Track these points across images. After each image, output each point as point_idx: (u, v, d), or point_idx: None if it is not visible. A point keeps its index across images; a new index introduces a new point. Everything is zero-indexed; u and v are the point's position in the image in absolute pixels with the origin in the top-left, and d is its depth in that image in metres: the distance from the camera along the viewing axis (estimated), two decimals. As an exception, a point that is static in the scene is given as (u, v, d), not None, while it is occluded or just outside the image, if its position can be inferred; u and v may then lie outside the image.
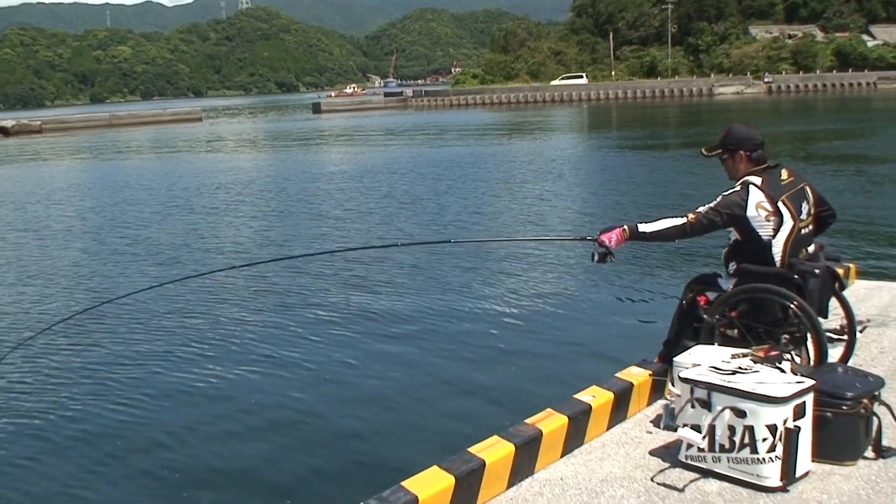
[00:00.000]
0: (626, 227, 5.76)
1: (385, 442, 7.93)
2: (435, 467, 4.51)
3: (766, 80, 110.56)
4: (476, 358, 10.25)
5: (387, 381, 9.62)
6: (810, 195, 5.72)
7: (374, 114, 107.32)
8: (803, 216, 5.59)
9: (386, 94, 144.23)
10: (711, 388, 4.67)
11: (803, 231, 5.60)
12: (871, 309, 7.86)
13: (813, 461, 4.73)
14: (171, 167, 43.00)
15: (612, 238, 5.70)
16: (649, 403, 5.92)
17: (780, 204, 5.48)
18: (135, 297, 12.76)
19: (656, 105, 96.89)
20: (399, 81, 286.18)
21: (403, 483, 4.35)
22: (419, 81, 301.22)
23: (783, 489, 4.54)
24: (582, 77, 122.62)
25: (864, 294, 8.36)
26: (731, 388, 4.60)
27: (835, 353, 5.79)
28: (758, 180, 5.57)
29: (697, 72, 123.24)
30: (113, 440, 8.39)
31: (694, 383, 4.75)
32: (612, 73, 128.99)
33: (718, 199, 5.63)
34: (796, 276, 5.50)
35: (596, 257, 5.77)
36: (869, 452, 4.92)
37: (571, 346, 10.64)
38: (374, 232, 19.96)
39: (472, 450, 4.72)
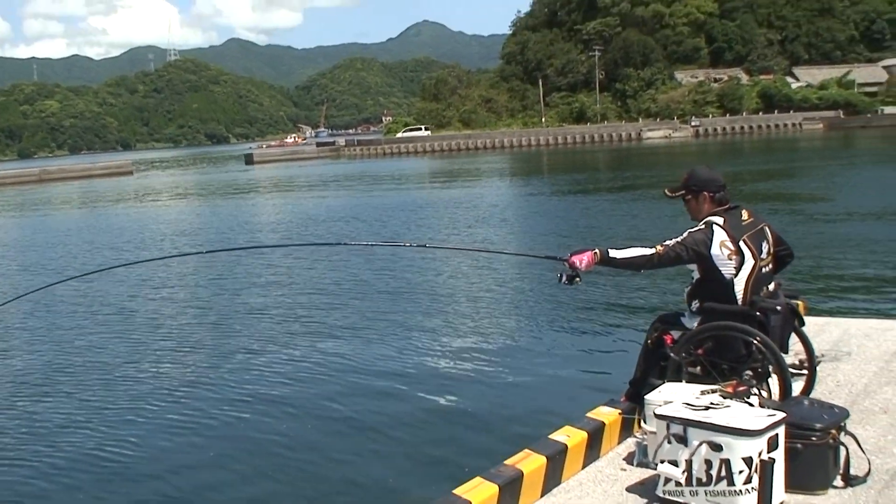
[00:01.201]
0: (597, 250, 5.84)
1: (364, 487, 7.94)
2: (423, 510, 4.57)
3: (693, 123, 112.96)
4: (442, 401, 10.35)
5: (360, 425, 9.70)
6: (769, 235, 5.89)
7: (308, 163, 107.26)
8: (763, 255, 5.76)
9: (318, 144, 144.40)
10: (687, 423, 4.78)
11: (764, 269, 5.76)
12: (822, 344, 8.06)
13: (785, 492, 4.86)
14: (107, 220, 42.46)
15: (582, 260, 5.78)
16: (620, 441, 6.02)
17: (741, 243, 5.64)
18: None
19: (587, 150, 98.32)
20: (330, 131, 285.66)
21: (393, 527, 4.40)
22: (350, 131, 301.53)
23: (760, 520, 4.65)
24: (420, 129, 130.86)
25: (814, 330, 8.55)
26: (707, 422, 4.72)
27: (795, 388, 5.94)
28: (720, 220, 5.73)
29: (626, 116, 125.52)
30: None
31: (670, 419, 4.86)
32: (543, 119, 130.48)
33: (685, 234, 5.76)
34: (759, 314, 5.66)
35: (563, 278, 5.84)
36: (838, 481, 5.06)
37: (537, 386, 10.82)
38: (327, 277, 20.03)
39: (457, 492, 4.77)
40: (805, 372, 6.21)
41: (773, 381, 5.83)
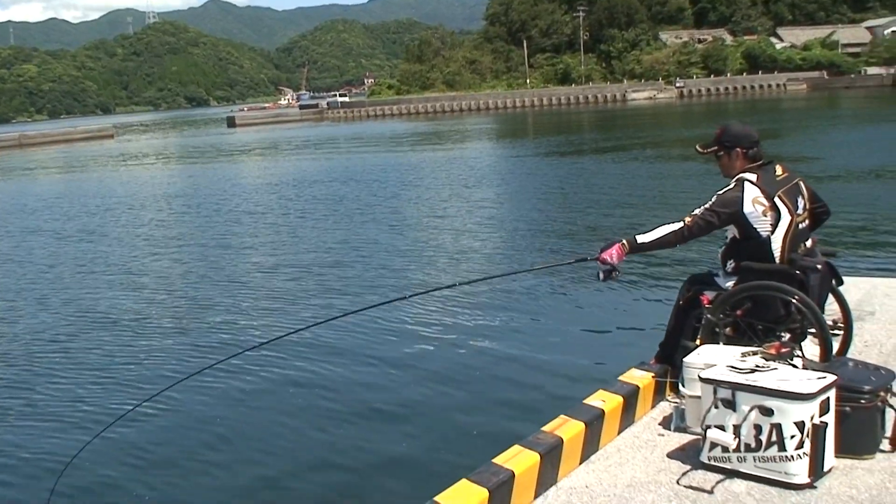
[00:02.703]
0: (624, 241, 5.71)
1: (402, 459, 7.79)
2: (464, 480, 4.37)
3: (677, 84, 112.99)
4: (467, 368, 10.21)
5: (388, 398, 9.48)
6: (804, 190, 5.70)
7: (292, 126, 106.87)
8: (800, 211, 5.57)
9: (301, 107, 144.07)
10: (736, 387, 4.60)
11: (800, 226, 5.58)
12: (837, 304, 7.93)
13: (834, 456, 4.71)
14: (95, 184, 42.04)
15: (612, 254, 5.64)
16: (653, 406, 5.86)
17: (776, 199, 5.44)
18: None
19: (572, 111, 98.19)
20: (312, 93, 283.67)
21: (437, 498, 4.20)
22: (333, 93, 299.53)
23: (811, 486, 4.50)
24: (335, 95, 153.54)
25: (834, 290, 8.45)
26: (757, 386, 4.54)
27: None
28: (753, 177, 5.54)
29: (610, 78, 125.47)
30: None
31: (717, 383, 4.68)
32: (527, 80, 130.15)
33: (713, 198, 5.58)
34: (798, 272, 5.49)
35: (601, 276, 5.75)
36: (885, 445, 4.92)
37: (564, 350, 10.68)
38: (344, 243, 19.92)
39: (496, 461, 4.58)
40: (839, 333, 6.05)
41: (807, 343, 5.69)
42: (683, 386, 5.37)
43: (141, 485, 7.72)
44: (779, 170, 5.67)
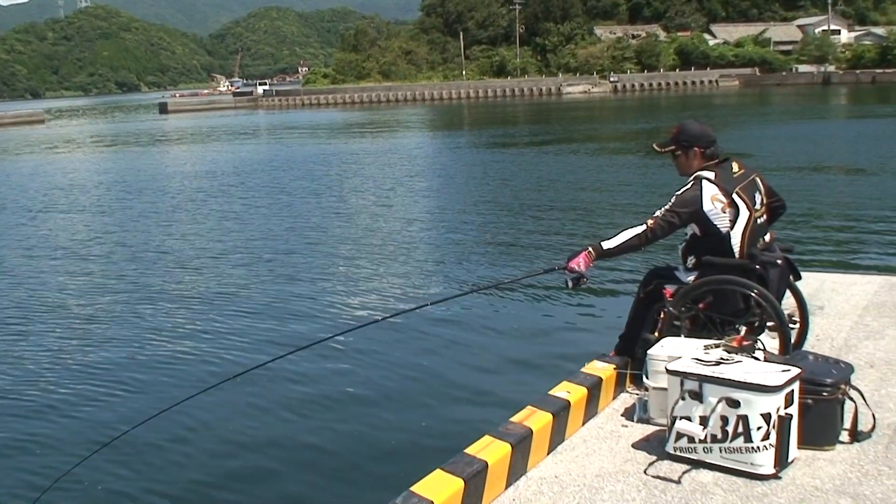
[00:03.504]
0: (590, 248, 5.74)
1: (373, 451, 7.74)
2: (439, 471, 4.40)
3: (611, 79, 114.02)
4: (432, 368, 10.11)
5: (364, 389, 9.43)
6: (761, 185, 5.80)
7: (227, 113, 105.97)
8: (757, 206, 5.67)
9: (235, 94, 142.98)
10: (703, 379, 4.67)
11: (759, 221, 5.68)
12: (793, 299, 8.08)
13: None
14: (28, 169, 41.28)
15: (579, 263, 5.67)
16: (615, 397, 5.94)
17: (734, 196, 5.53)
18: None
19: (507, 104, 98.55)
20: (245, 81, 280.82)
21: (413, 488, 4.21)
22: (266, 81, 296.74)
23: (776, 476, 4.59)
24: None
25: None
26: (724, 378, 4.61)
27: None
28: (711, 175, 5.63)
29: (545, 71, 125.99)
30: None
31: (684, 375, 4.75)
32: (463, 72, 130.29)
33: (673, 199, 5.65)
34: (758, 267, 5.59)
35: (570, 283, 5.77)
36: (844, 437, 5.03)
37: (523, 343, 10.70)
38: (288, 224, 19.92)
39: (469, 451, 4.60)
40: (794, 326, 6.16)
41: (763, 336, 5.79)
42: (647, 378, 5.44)
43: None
44: (735, 166, 5.77)
